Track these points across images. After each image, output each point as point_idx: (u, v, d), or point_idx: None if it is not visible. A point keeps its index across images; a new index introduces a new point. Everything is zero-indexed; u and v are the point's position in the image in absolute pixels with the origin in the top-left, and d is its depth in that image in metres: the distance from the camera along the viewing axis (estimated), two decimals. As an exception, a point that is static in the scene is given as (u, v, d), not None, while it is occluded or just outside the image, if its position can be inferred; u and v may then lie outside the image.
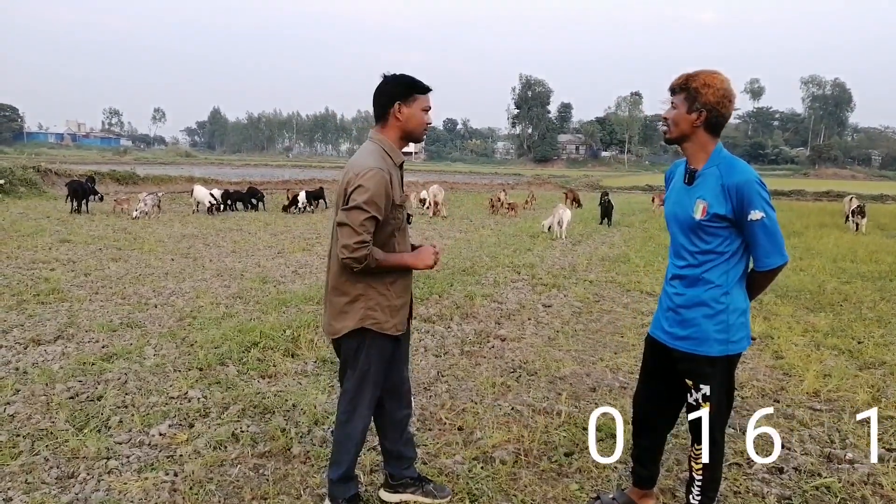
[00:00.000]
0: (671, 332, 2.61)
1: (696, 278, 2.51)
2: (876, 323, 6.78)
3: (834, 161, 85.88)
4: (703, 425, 2.56)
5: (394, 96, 2.63)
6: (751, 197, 2.34)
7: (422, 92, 2.66)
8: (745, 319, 2.52)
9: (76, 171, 26.40)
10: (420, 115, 2.67)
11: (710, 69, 2.45)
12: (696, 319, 2.51)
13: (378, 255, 2.55)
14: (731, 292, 2.48)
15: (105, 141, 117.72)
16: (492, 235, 14.21)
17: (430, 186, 20.49)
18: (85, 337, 5.52)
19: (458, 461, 3.45)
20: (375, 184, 2.49)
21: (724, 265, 2.48)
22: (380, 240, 2.61)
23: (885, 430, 4.00)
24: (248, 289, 7.72)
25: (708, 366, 2.51)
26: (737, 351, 2.52)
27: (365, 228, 2.47)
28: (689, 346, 2.54)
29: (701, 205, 2.44)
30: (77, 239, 11.47)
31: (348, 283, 2.65)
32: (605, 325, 6.51)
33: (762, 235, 2.38)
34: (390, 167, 2.62)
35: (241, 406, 4.09)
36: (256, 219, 16.83)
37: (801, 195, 36.38)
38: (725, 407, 2.60)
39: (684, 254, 2.55)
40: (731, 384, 2.59)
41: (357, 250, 2.47)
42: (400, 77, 2.66)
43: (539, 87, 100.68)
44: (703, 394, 2.53)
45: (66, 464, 3.32)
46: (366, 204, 2.47)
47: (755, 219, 2.35)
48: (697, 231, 2.47)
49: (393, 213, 2.61)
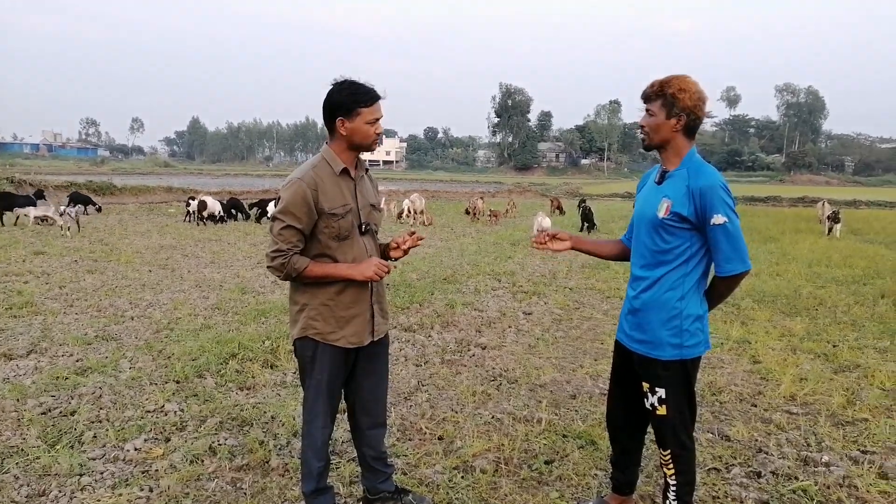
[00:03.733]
0: (631, 336, 2.66)
1: (653, 281, 2.55)
2: (850, 326, 6.88)
3: (809, 167, 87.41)
4: (664, 429, 2.60)
5: (336, 111, 2.56)
6: (713, 201, 2.38)
7: (367, 105, 2.55)
8: (700, 325, 2.55)
9: (52, 181, 26.05)
10: (364, 128, 2.57)
11: (680, 74, 2.48)
12: (650, 323, 2.56)
13: (299, 264, 2.53)
14: (686, 297, 2.51)
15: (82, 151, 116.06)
16: (472, 243, 14.23)
17: (410, 195, 20.54)
18: (59, 351, 5.42)
19: (439, 471, 3.43)
20: (291, 194, 2.51)
21: (682, 268, 2.51)
22: (315, 249, 2.60)
23: (859, 433, 4.05)
24: (227, 299, 7.65)
25: (662, 369, 2.55)
26: (691, 356, 2.54)
27: (282, 238, 2.51)
28: (644, 349, 2.59)
29: (665, 203, 2.48)
30: (52, 251, 11.29)
31: (297, 293, 2.69)
32: (585, 332, 6.54)
33: (724, 240, 2.41)
34: (325, 176, 2.58)
35: (219, 419, 4.04)
36: (236, 228, 16.70)
37: (777, 201, 36.93)
38: (688, 410, 2.62)
39: (645, 252, 2.59)
40: (691, 388, 2.61)
41: (274, 259, 2.52)
42: (345, 88, 2.55)
43: (519, 95, 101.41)
44: (658, 397, 2.57)
45: (37, 481, 3.25)
46: (281, 214, 2.52)
47: (717, 223, 2.38)
48: (659, 229, 2.51)
49: (326, 222, 2.56)
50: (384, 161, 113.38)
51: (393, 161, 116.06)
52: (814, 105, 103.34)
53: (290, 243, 2.52)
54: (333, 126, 2.60)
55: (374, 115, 2.59)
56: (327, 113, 2.59)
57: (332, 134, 2.64)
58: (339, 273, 2.60)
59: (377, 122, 2.61)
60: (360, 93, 2.56)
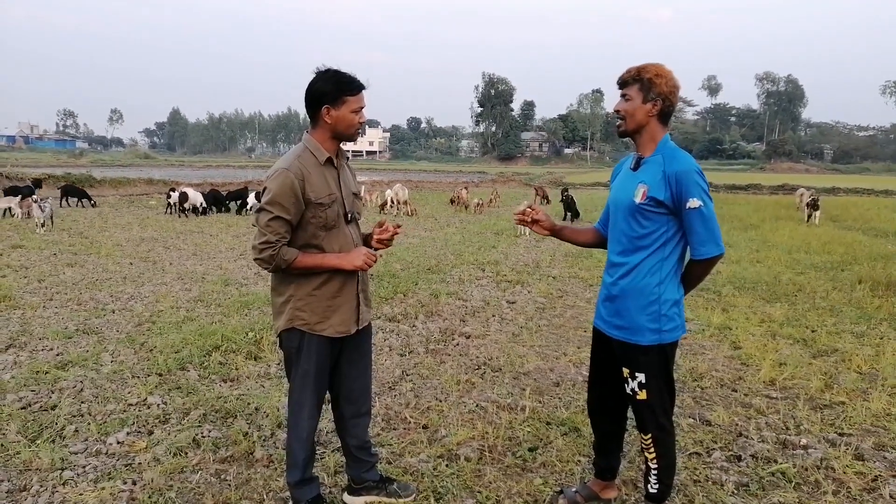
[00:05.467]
0: (609, 322, 2.69)
1: (632, 267, 2.58)
2: (828, 312, 6.99)
3: (789, 155, 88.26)
4: (644, 413, 2.64)
5: (321, 99, 2.55)
6: (689, 186, 2.42)
7: (352, 93, 2.56)
8: (678, 310, 2.58)
9: (29, 174, 25.64)
10: (350, 117, 2.58)
11: (653, 62, 2.53)
12: (628, 309, 2.59)
13: (288, 255, 2.52)
14: (663, 282, 2.55)
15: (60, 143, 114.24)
16: (456, 233, 14.24)
17: (393, 185, 20.52)
18: (38, 345, 5.36)
19: (423, 459, 3.45)
20: (279, 185, 2.49)
21: (659, 253, 2.54)
22: (302, 239, 2.59)
23: (837, 416, 4.13)
24: (210, 291, 7.59)
25: (641, 355, 2.58)
26: (670, 340, 2.58)
27: (271, 229, 2.49)
28: (623, 335, 2.62)
29: (642, 188, 2.51)
30: (30, 244, 11.13)
31: (282, 284, 2.67)
32: (568, 321, 6.58)
33: (699, 224, 2.45)
34: (310, 165, 2.57)
35: (203, 411, 4.02)
36: (218, 220, 16.56)
37: (757, 189, 37.24)
38: (667, 394, 2.65)
39: (622, 238, 2.62)
40: (669, 372, 2.65)
41: (263, 251, 2.50)
42: (330, 76, 2.55)
43: (502, 85, 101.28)
44: (639, 382, 2.61)
45: (18, 476, 3.21)
46: (269, 205, 2.49)
47: (693, 207, 2.42)
48: (636, 215, 2.54)
49: (313, 212, 2.56)
50: (367, 151, 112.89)
51: (376, 151, 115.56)
52: (793, 93, 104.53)
53: (278, 234, 2.50)
54: (317, 114, 2.58)
55: (359, 104, 2.59)
56: (313, 100, 2.57)
57: (315, 122, 2.62)
58: (328, 263, 2.60)
59: (361, 110, 2.61)
60: (345, 81, 2.55)
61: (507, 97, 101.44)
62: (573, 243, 3.07)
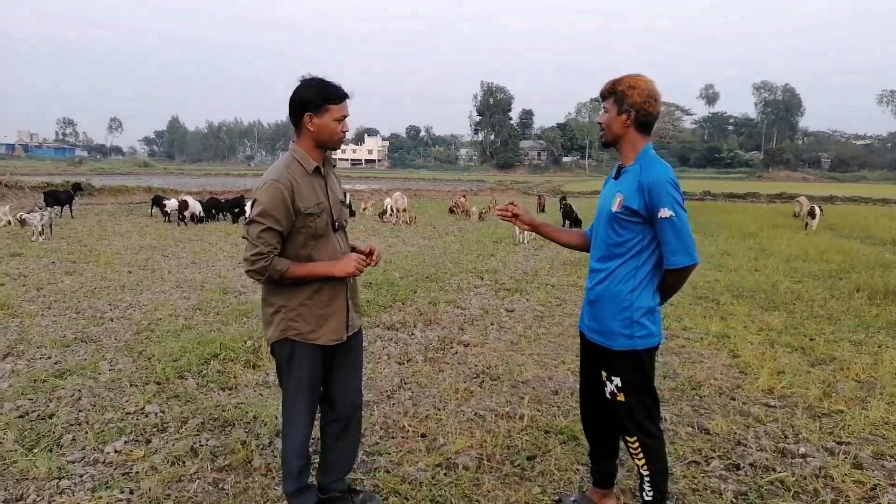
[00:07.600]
0: (589, 325, 2.75)
1: (608, 273, 2.63)
2: (826, 320, 6.99)
3: (786, 164, 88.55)
4: (624, 416, 2.66)
5: (305, 106, 2.56)
6: (661, 196, 2.45)
7: (335, 102, 2.57)
8: (651, 318, 2.60)
9: (28, 182, 25.62)
10: (332, 125, 2.58)
11: (633, 73, 2.59)
12: (604, 314, 2.64)
13: (281, 266, 2.53)
14: (637, 289, 2.58)
15: (59, 151, 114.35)
16: (455, 241, 14.25)
17: (392, 193, 20.58)
18: (36, 353, 5.35)
19: (422, 468, 3.44)
20: (269, 196, 2.50)
21: (634, 261, 2.58)
22: (292, 249, 2.60)
23: (835, 425, 4.12)
24: (209, 300, 7.59)
25: (615, 359, 2.62)
26: (643, 346, 2.60)
27: (262, 241, 2.49)
28: (599, 338, 2.67)
29: (618, 197, 2.56)
30: (29, 252, 11.13)
31: (272, 294, 2.67)
32: (566, 329, 6.58)
33: (671, 233, 2.48)
34: (298, 175, 2.58)
35: (201, 419, 4.02)
36: (217, 229, 16.56)
37: (755, 197, 37.29)
38: (648, 398, 2.67)
39: (601, 245, 2.68)
40: (647, 377, 2.66)
41: (255, 262, 2.50)
42: (313, 84, 2.57)
43: (501, 93, 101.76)
44: (616, 385, 2.64)
45: (15, 486, 3.21)
46: (260, 216, 2.50)
47: (664, 216, 2.45)
48: (613, 223, 2.59)
49: (303, 222, 2.57)
50: (366, 160, 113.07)
51: (375, 160, 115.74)
52: (791, 102, 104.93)
53: (269, 245, 2.51)
54: (300, 122, 2.60)
55: (342, 113, 2.61)
56: (297, 108, 2.59)
57: (299, 130, 2.64)
58: (320, 271, 2.61)
59: (344, 119, 2.62)
60: (328, 89, 2.57)
61: (506, 106, 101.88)
62: (556, 241, 3.12)
